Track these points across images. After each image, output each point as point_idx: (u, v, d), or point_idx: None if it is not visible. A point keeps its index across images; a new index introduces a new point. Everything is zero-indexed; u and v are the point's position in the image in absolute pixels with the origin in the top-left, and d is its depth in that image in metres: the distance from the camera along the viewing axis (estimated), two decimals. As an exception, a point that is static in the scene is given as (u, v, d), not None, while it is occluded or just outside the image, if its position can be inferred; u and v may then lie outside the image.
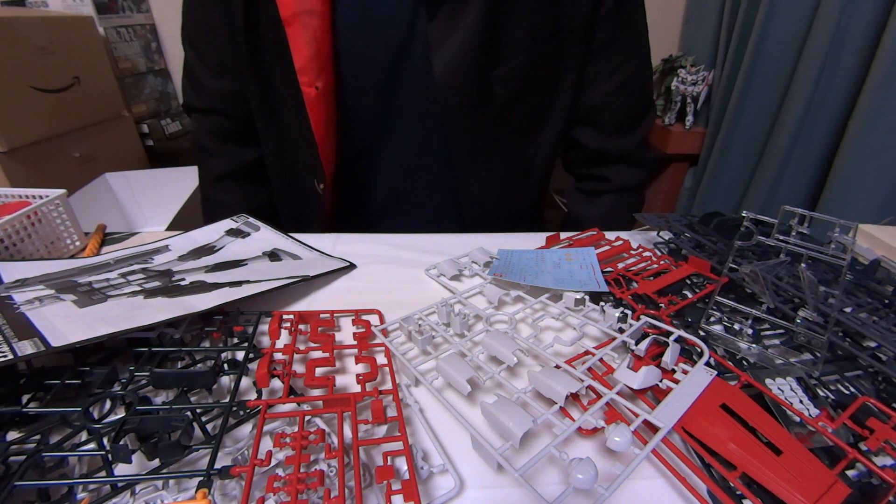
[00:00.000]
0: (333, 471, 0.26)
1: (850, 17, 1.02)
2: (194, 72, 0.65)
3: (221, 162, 0.69)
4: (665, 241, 0.54)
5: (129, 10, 1.42)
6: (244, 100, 0.63)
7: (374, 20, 0.55)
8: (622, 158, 0.67)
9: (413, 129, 0.62)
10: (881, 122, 0.98)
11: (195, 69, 0.64)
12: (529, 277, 0.45)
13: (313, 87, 0.55)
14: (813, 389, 0.32)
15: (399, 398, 0.31)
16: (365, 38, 0.56)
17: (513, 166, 0.65)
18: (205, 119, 0.67)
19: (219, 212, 0.67)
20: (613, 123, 0.64)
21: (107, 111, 1.33)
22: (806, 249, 0.40)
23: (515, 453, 0.29)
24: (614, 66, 0.61)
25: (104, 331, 0.33)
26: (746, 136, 1.32)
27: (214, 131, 0.68)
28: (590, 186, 0.71)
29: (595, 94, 0.62)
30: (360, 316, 0.41)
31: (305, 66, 0.54)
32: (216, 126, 0.67)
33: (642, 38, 0.62)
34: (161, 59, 1.57)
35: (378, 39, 0.56)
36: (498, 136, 0.61)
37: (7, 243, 0.47)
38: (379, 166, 0.65)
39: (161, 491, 0.26)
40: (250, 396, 0.33)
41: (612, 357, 0.34)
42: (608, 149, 0.66)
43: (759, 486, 0.26)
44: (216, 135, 0.68)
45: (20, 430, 0.29)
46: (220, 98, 0.65)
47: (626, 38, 0.60)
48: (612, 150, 0.66)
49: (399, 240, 0.56)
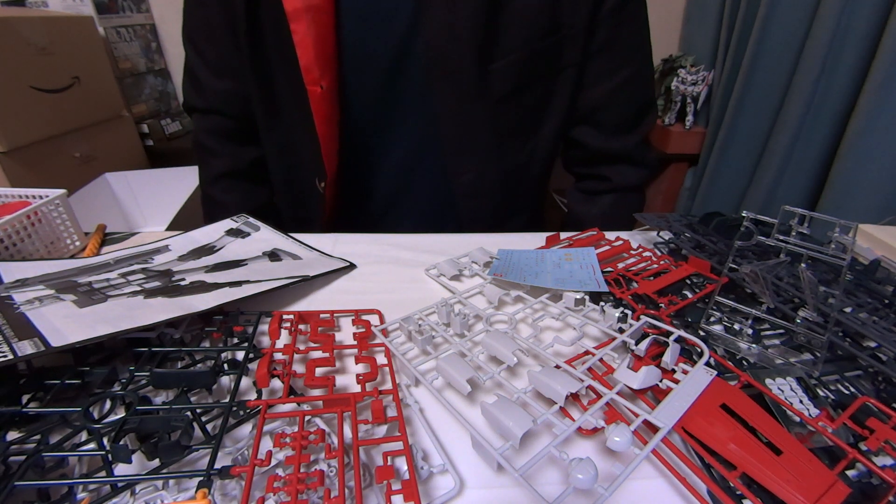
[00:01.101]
0: (333, 471, 0.26)
1: (850, 17, 1.01)
2: (195, 72, 0.65)
3: (222, 161, 0.69)
4: (665, 241, 0.54)
5: (129, 10, 1.42)
6: (245, 99, 0.63)
7: (377, 14, 0.55)
8: (623, 158, 0.67)
9: (413, 125, 0.62)
10: (881, 122, 0.98)
11: (196, 69, 0.64)
12: (529, 277, 0.45)
13: (318, 85, 0.55)
14: (813, 389, 0.32)
15: (399, 398, 0.31)
16: (368, 34, 0.55)
17: (510, 162, 0.65)
18: (205, 119, 0.67)
19: (219, 211, 0.67)
20: (614, 123, 0.64)
21: (107, 111, 1.33)
22: (806, 249, 0.40)
23: (515, 453, 0.29)
24: (616, 65, 0.60)
25: (104, 331, 0.33)
26: (746, 136, 1.31)
27: (215, 131, 0.68)
28: (590, 186, 0.71)
29: (596, 93, 0.62)
30: (360, 316, 0.41)
31: (311, 64, 0.54)
32: (217, 126, 0.67)
33: (644, 38, 0.62)
34: (161, 59, 1.57)
35: (381, 34, 0.56)
36: (494, 131, 0.61)
37: (7, 243, 0.47)
38: (380, 163, 0.65)
39: (161, 491, 0.26)
40: (250, 396, 0.33)
41: (612, 357, 0.34)
42: (609, 148, 0.66)
43: (759, 486, 0.26)
44: (216, 134, 0.68)
45: (20, 430, 0.29)
46: (220, 98, 0.65)
47: (627, 36, 0.60)
48: (613, 150, 0.66)
49: (399, 240, 0.56)
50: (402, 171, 0.66)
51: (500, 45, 0.55)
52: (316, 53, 0.53)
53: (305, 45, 0.53)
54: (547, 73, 0.60)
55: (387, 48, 0.56)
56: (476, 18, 0.52)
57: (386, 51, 0.56)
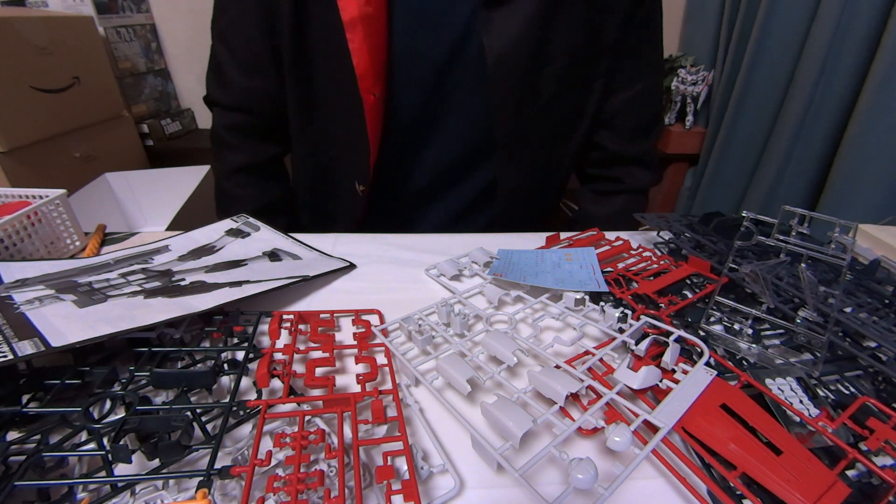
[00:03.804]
0: (333, 471, 0.26)
1: (850, 17, 1.02)
2: (223, 67, 0.64)
3: (239, 156, 0.68)
4: (665, 241, 0.54)
5: (129, 10, 1.42)
6: (272, 98, 0.63)
7: (431, 20, 0.55)
8: (637, 161, 0.70)
9: (454, 127, 0.63)
10: (881, 122, 0.98)
11: (224, 65, 0.63)
12: (529, 277, 0.45)
13: (372, 93, 0.55)
14: (813, 389, 0.32)
15: (399, 398, 0.31)
16: (420, 40, 0.56)
17: (546, 165, 0.69)
18: (227, 114, 0.67)
19: (233, 205, 0.67)
20: (631, 128, 0.68)
21: (107, 111, 1.33)
22: (806, 249, 0.40)
23: (515, 453, 0.29)
24: (637, 74, 0.64)
25: (104, 331, 0.33)
26: (746, 136, 1.32)
27: (236, 127, 0.67)
28: (603, 187, 0.74)
29: (617, 100, 0.66)
30: (360, 316, 0.41)
31: (366, 72, 0.54)
32: (239, 122, 0.67)
33: (660, 50, 0.67)
34: (161, 59, 1.57)
35: (433, 40, 0.56)
36: (539, 133, 0.64)
37: (7, 243, 0.47)
38: (417, 165, 0.66)
39: (161, 491, 0.26)
40: (250, 396, 0.33)
41: (612, 357, 0.34)
42: (626, 151, 0.70)
43: (759, 486, 0.26)
44: (237, 130, 0.67)
45: (20, 430, 0.29)
46: (247, 95, 0.64)
47: (649, 49, 0.64)
48: (628, 153, 0.70)
49: (399, 240, 0.56)
50: (438, 171, 0.67)
51: (551, 50, 0.57)
52: (371, 61, 0.54)
53: (361, 53, 0.53)
54: (585, 80, 0.63)
55: (439, 53, 0.57)
56: (533, 23, 0.54)
57: (437, 56, 0.57)
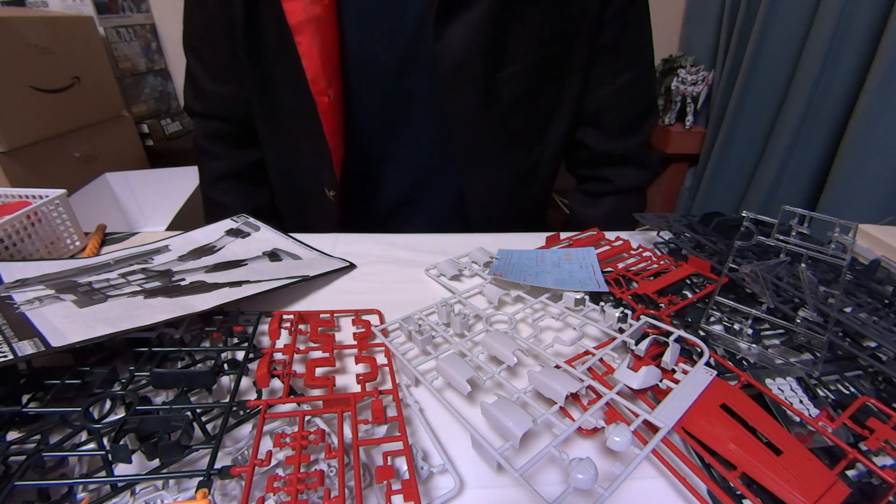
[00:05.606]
0: (333, 471, 0.26)
1: (850, 17, 1.01)
2: (195, 77, 0.65)
3: (221, 163, 0.69)
4: (665, 241, 0.54)
5: (129, 10, 1.42)
6: (246, 104, 0.63)
7: (381, 24, 0.55)
8: (625, 159, 0.67)
9: (420, 132, 0.62)
10: (881, 122, 0.98)
11: (196, 74, 0.64)
12: (529, 277, 0.45)
13: (325, 95, 0.55)
14: (813, 389, 0.32)
15: (399, 398, 0.31)
16: (372, 43, 0.55)
17: (519, 167, 0.65)
18: (206, 123, 0.68)
19: (220, 211, 0.67)
20: (617, 125, 0.64)
21: (107, 111, 1.33)
22: (806, 249, 0.40)
23: (515, 453, 0.29)
24: (619, 67, 0.61)
25: (104, 331, 0.33)
26: (746, 136, 1.31)
27: (215, 134, 0.68)
28: (592, 188, 0.71)
29: (600, 96, 0.62)
30: (360, 316, 0.41)
31: (317, 75, 0.54)
32: (217, 130, 0.67)
33: (647, 40, 0.62)
34: (161, 59, 1.57)
35: (385, 44, 0.55)
36: (504, 137, 0.61)
37: (7, 243, 0.47)
38: (386, 170, 0.65)
39: (161, 491, 0.26)
40: (250, 396, 0.33)
41: (612, 357, 0.34)
42: (612, 150, 0.66)
43: (759, 486, 0.26)
44: (217, 138, 0.68)
45: (20, 430, 0.29)
46: (221, 103, 0.65)
47: (631, 39, 0.60)
48: (616, 152, 0.66)
49: (399, 240, 0.56)
50: (410, 176, 0.66)
51: (508, 52, 0.55)
52: (322, 64, 0.53)
53: (311, 56, 0.52)
54: (555, 78, 0.60)
55: (392, 55, 0.56)
56: (484, 27, 0.52)
57: (391, 58, 0.56)
